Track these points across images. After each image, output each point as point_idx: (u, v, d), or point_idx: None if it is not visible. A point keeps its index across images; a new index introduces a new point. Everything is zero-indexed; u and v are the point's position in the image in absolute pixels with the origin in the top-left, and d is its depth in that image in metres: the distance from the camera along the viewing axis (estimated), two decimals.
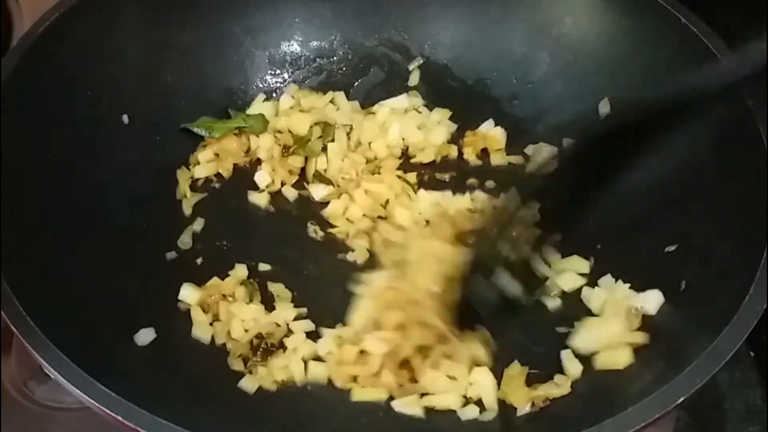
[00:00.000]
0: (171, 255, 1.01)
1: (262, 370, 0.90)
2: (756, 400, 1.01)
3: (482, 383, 0.89)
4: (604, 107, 1.07)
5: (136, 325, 0.90)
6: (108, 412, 0.69)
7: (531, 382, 0.88)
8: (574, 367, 0.88)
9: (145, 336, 0.90)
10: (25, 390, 0.99)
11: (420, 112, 1.15)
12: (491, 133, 1.12)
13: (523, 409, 0.86)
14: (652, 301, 0.90)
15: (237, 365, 0.91)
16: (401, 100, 1.15)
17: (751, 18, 1.03)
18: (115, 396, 0.69)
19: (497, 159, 1.11)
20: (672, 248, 0.92)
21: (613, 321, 0.90)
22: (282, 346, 0.93)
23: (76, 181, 0.95)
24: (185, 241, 1.02)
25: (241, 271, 0.99)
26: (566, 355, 0.90)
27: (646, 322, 0.89)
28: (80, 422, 0.96)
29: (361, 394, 0.89)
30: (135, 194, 1.02)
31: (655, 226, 0.95)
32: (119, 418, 0.68)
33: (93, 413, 0.71)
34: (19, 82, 0.89)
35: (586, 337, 0.90)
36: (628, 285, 0.93)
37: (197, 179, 1.08)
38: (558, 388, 0.87)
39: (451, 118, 1.14)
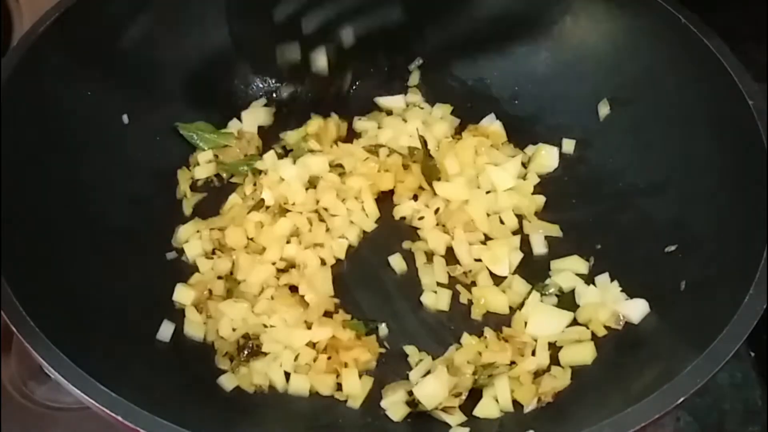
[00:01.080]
0: (171, 255, 1.01)
1: (244, 371, 0.90)
2: (756, 400, 1.01)
3: (498, 386, 0.88)
4: (604, 107, 1.07)
5: (136, 324, 0.90)
6: (108, 412, 0.69)
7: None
8: (543, 357, 0.90)
9: (166, 331, 0.91)
10: (25, 390, 0.99)
11: (422, 108, 1.15)
12: (492, 128, 1.12)
13: (530, 405, 0.87)
14: (637, 309, 0.91)
15: (223, 364, 0.91)
16: (398, 100, 1.16)
17: (751, 18, 1.03)
18: (115, 396, 0.69)
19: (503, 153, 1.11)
20: (672, 248, 0.92)
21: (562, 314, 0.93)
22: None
23: (76, 181, 0.95)
24: None
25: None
26: (541, 344, 0.91)
27: (644, 323, 0.90)
28: (80, 422, 0.96)
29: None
30: (135, 194, 1.01)
31: (655, 226, 0.95)
32: (119, 418, 0.68)
33: (93, 413, 0.71)
34: (19, 82, 0.89)
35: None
36: (619, 288, 0.94)
37: (197, 179, 1.08)
38: (557, 380, 0.87)
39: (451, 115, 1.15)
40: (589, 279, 0.97)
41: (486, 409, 0.87)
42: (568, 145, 1.09)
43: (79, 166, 0.96)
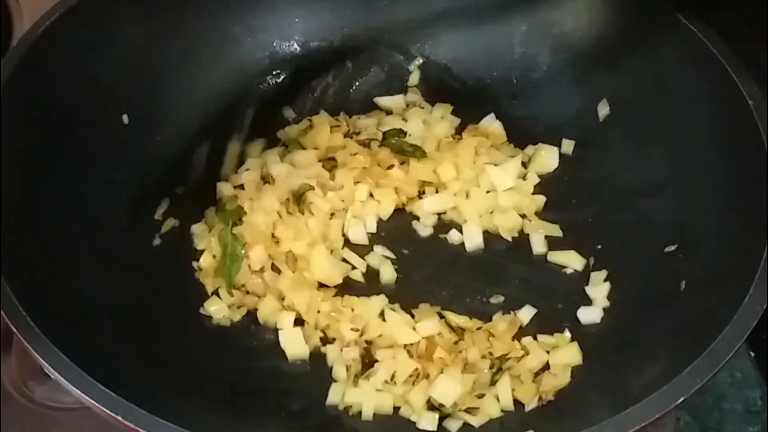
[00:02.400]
0: None
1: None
2: (756, 400, 1.01)
3: (500, 385, 0.89)
4: (604, 107, 1.07)
5: (136, 324, 0.90)
6: (108, 412, 0.69)
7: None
8: (541, 354, 0.91)
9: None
10: (25, 390, 0.98)
11: (422, 108, 1.15)
12: (492, 128, 1.12)
13: (531, 404, 0.87)
14: (587, 315, 0.94)
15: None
16: (398, 100, 1.16)
17: (751, 18, 1.03)
18: (115, 396, 0.69)
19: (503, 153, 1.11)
20: (672, 248, 0.92)
21: None
22: None
23: (76, 181, 0.95)
24: None
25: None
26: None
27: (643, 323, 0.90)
28: (80, 422, 0.95)
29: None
30: (135, 194, 1.01)
31: (655, 226, 0.95)
32: (119, 418, 0.68)
33: (93, 413, 0.71)
34: (19, 81, 0.89)
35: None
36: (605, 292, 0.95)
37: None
38: (557, 378, 0.88)
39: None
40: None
41: (487, 407, 0.87)
42: (568, 146, 1.09)
43: (79, 166, 0.96)
